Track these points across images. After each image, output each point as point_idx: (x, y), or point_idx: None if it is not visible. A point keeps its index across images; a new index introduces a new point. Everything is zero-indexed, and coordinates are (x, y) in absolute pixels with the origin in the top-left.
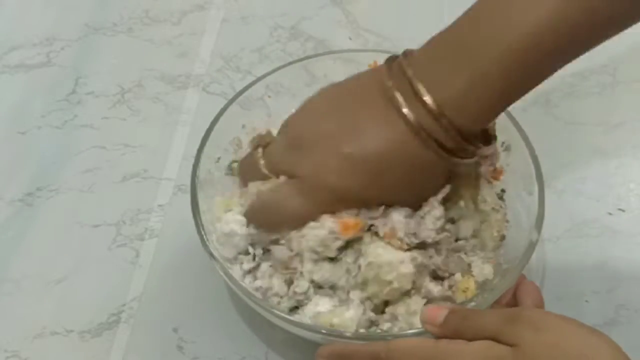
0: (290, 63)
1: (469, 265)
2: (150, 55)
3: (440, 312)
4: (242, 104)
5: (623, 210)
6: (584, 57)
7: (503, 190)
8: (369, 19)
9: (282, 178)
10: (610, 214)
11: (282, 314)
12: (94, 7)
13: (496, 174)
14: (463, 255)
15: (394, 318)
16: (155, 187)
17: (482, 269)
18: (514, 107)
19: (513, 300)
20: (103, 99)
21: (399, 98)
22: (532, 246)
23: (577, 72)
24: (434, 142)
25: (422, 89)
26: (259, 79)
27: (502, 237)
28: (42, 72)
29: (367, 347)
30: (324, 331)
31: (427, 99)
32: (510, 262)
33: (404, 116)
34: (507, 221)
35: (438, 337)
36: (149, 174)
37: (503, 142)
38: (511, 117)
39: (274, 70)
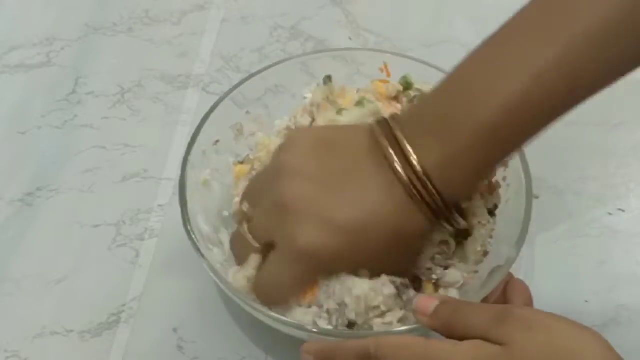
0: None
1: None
2: (150, 55)
3: (431, 303)
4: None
5: (623, 210)
6: None
7: (495, 206)
8: (369, 19)
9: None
10: (610, 214)
11: (263, 310)
12: (94, 7)
13: (491, 188)
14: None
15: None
16: (155, 187)
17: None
18: None
19: (502, 298)
20: (103, 99)
21: (394, 157)
22: (509, 262)
23: None
24: (425, 204)
25: (410, 151)
26: (252, 75)
27: (485, 253)
28: (42, 72)
29: (355, 343)
30: (315, 330)
31: (414, 162)
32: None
33: (398, 175)
34: (491, 237)
35: (427, 327)
36: (149, 174)
37: None
38: None
39: (270, 66)
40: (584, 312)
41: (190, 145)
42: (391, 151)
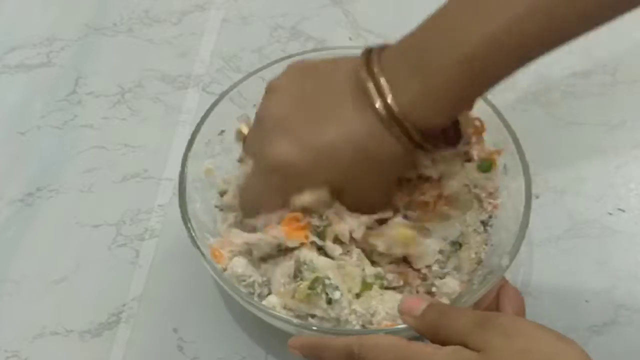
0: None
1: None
2: (150, 56)
3: (419, 304)
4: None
5: (623, 210)
6: (584, 57)
7: (490, 217)
8: (369, 19)
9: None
10: (610, 214)
11: (260, 305)
12: (94, 7)
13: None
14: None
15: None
16: (156, 187)
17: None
18: (514, 107)
19: (494, 304)
20: (103, 99)
21: (372, 90)
22: (500, 270)
23: (577, 72)
24: (401, 134)
25: (385, 86)
26: (250, 74)
27: (479, 261)
28: (42, 72)
29: (340, 341)
30: (314, 328)
31: (389, 100)
32: (481, 281)
33: (374, 108)
34: (486, 244)
35: (413, 329)
36: (149, 174)
37: (504, 165)
38: (515, 140)
39: (269, 65)
40: (584, 312)
41: (190, 144)
42: (369, 85)
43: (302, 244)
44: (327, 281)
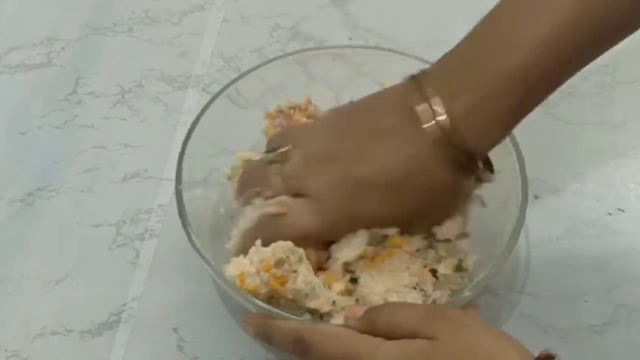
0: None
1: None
2: (150, 56)
3: (361, 309)
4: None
5: (623, 210)
6: None
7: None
8: (369, 19)
9: (285, 197)
10: (610, 214)
11: (261, 303)
12: (94, 7)
13: None
14: None
15: None
16: (156, 187)
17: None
18: None
19: None
20: (103, 99)
21: (421, 113)
22: (483, 281)
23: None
24: (451, 159)
25: (439, 106)
26: (248, 71)
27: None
28: (43, 72)
29: (291, 324)
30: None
31: (442, 118)
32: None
33: (424, 131)
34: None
35: (356, 329)
36: (149, 174)
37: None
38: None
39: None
40: (584, 312)
41: (185, 143)
42: (420, 110)
43: None
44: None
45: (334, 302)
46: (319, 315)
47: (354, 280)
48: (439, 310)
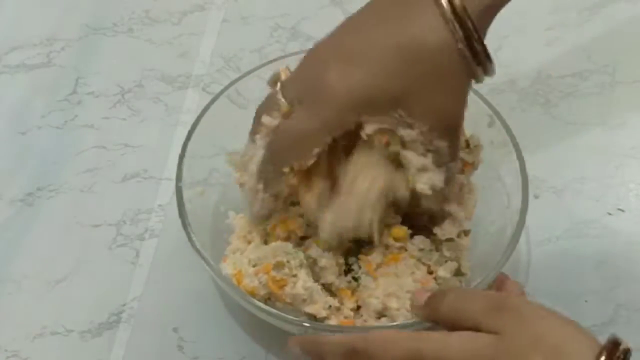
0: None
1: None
2: (150, 56)
3: (425, 294)
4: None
5: (623, 211)
6: (584, 58)
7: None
8: None
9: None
10: (610, 214)
11: (265, 307)
12: (94, 7)
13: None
14: None
15: None
16: (156, 187)
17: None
18: (514, 107)
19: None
20: (103, 99)
21: None
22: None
23: (577, 72)
24: (463, 36)
25: None
26: (249, 72)
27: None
28: (43, 72)
29: (342, 338)
30: (306, 324)
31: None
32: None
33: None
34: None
35: (421, 317)
36: (149, 174)
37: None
38: (513, 139)
39: (268, 62)
40: (583, 312)
41: (185, 143)
42: None
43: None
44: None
45: (330, 307)
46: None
47: (355, 279)
48: (501, 300)
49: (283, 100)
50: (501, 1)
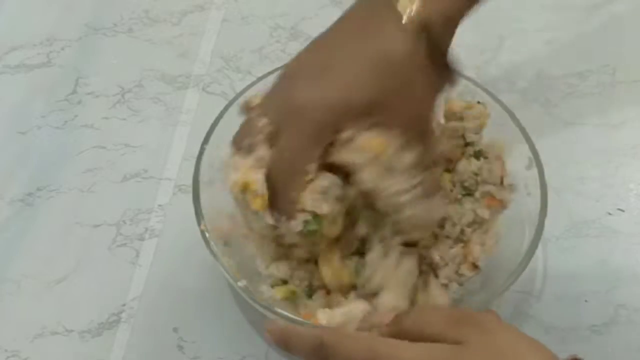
0: None
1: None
2: (150, 56)
3: (389, 315)
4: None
5: (623, 211)
6: (584, 57)
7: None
8: None
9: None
10: (610, 214)
11: (282, 311)
12: (94, 8)
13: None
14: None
15: None
16: (156, 187)
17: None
18: (514, 107)
19: None
20: (103, 99)
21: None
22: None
23: (577, 72)
24: (425, 47)
25: None
26: (259, 79)
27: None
28: (43, 72)
29: (312, 330)
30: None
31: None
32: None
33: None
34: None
35: (386, 333)
36: (149, 174)
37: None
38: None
39: (275, 70)
40: (584, 312)
41: (201, 154)
42: None
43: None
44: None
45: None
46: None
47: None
48: (465, 314)
49: (265, 119)
50: (461, 13)
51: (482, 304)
